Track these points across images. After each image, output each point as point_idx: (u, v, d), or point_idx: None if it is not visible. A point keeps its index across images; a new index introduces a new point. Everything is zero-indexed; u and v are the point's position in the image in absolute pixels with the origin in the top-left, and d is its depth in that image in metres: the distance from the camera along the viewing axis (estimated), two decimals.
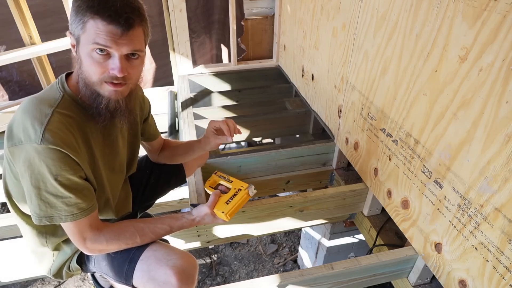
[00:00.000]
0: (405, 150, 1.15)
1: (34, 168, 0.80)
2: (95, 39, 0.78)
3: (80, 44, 0.82)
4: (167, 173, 1.34)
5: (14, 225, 1.44)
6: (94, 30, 0.78)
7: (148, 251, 0.99)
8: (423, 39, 1.00)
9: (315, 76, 1.88)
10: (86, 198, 0.88)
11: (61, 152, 0.80)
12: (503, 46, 0.75)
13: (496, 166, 0.81)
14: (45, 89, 0.90)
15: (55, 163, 0.80)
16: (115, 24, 0.78)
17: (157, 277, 0.94)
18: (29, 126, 0.79)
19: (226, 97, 2.63)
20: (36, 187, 0.82)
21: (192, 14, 2.59)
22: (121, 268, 0.99)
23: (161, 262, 0.95)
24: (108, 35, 0.78)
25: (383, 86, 1.23)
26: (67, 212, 0.85)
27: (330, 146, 1.78)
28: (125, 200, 1.15)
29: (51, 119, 0.81)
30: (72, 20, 0.81)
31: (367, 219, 1.55)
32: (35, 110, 0.82)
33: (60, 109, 0.84)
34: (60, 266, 1.06)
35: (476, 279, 0.92)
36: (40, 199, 0.83)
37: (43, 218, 0.85)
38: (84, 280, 2.34)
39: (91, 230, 0.91)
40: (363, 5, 1.29)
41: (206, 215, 1.08)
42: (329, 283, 1.18)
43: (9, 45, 2.23)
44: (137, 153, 1.16)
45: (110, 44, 0.79)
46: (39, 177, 0.81)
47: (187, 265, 0.96)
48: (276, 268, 2.52)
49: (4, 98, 2.47)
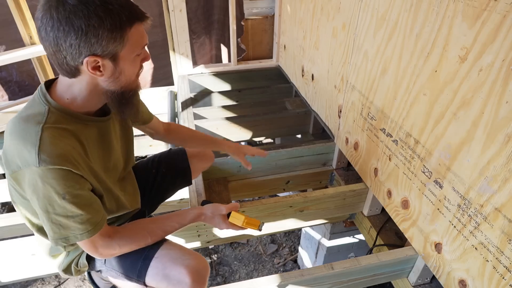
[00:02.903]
0: (405, 150, 1.15)
1: (39, 192, 0.78)
2: (142, 42, 0.83)
3: (119, 58, 0.81)
4: (174, 173, 1.34)
5: (14, 225, 1.44)
6: (139, 35, 0.81)
7: (162, 249, 1.00)
8: (423, 39, 1.00)
9: (315, 76, 1.88)
10: (96, 211, 0.87)
11: (62, 170, 0.78)
12: (503, 46, 0.75)
13: (496, 166, 0.81)
14: (26, 105, 0.85)
15: (59, 183, 0.78)
16: (145, 19, 0.82)
17: (172, 276, 0.95)
18: (23, 149, 0.76)
19: (226, 97, 2.63)
20: (45, 211, 0.81)
21: (192, 15, 2.59)
22: (134, 265, 1.00)
23: (176, 261, 0.97)
24: (145, 32, 0.84)
25: (383, 86, 1.23)
26: (82, 230, 0.84)
27: (330, 146, 1.78)
28: (134, 195, 1.15)
29: (43, 138, 0.77)
30: (103, 43, 0.76)
31: (367, 219, 1.55)
32: (23, 132, 0.78)
33: (49, 124, 0.80)
34: (70, 262, 1.06)
35: (476, 279, 0.92)
36: (52, 222, 0.82)
37: (58, 240, 0.84)
38: (84, 280, 2.35)
39: (103, 238, 0.91)
40: (363, 5, 1.29)
41: (220, 215, 1.09)
42: (329, 283, 1.18)
43: (9, 45, 2.23)
44: (132, 145, 1.15)
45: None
46: (46, 201, 0.79)
47: (200, 266, 0.98)
48: (276, 268, 2.52)
49: (4, 99, 2.47)
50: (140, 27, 0.81)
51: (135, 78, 0.89)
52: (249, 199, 2.63)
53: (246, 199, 2.56)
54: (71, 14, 0.72)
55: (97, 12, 0.73)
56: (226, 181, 1.71)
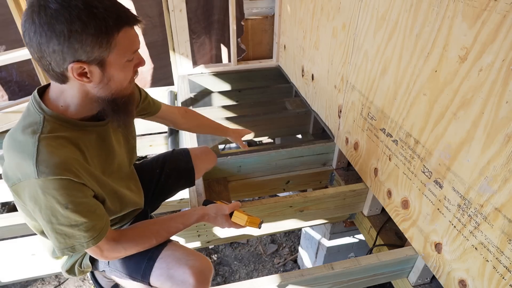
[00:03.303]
0: (405, 150, 1.15)
1: (41, 203, 0.77)
2: (132, 47, 0.80)
3: (107, 64, 0.78)
4: (178, 174, 1.34)
5: (14, 225, 1.44)
6: (128, 39, 0.78)
7: (167, 250, 1.01)
8: (423, 39, 1.00)
9: (315, 76, 1.88)
10: (100, 217, 0.87)
11: (62, 180, 0.76)
12: (503, 46, 0.75)
13: (496, 166, 0.81)
14: (22, 115, 0.83)
15: (60, 193, 0.77)
16: (134, 24, 0.79)
17: (176, 276, 0.96)
18: (21, 161, 0.75)
19: (226, 97, 2.63)
20: (49, 222, 0.80)
21: (192, 15, 2.59)
22: (139, 265, 1.00)
23: (180, 262, 0.97)
24: (136, 36, 0.81)
25: (383, 86, 1.23)
26: (87, 238, 0.84)
27: (330, 146, 1.78)
28: (138, 193, 1.15)
29: (40, 148, 0.75)
30: (88, 49, 0.73)
31: (367, 219, 1.55)
32: (20, 144, 0.77)
33: (45, 133, 0.78)
34: (73, 263, 1.06)
35: (476, 279, 0.92)
36: (56, 232, 0.81)
37: (64, 250, 0.83)
38: (84, 280, 2.34)
39: (108, 242, 0.91)
40: (363, 5, 1.29)
41: (223, 215, 1.11)
42: (329, 283, 1.18)
43: (9, 45, 2.23)
44: (134, 141, 1.14)
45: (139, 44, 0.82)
46: (48, 212, 0.78)
47: (204, 267, 0.99)
48: (276, 268, 2.52)
49: (4, 99, 2.47)
50: (130, 32, 0.78)
51: (128, 84, 0.85)
52: (249, 199, 2.63)
53: (246, 199, 2.56)
54: (52, 19, 0.69)
55: (80, 16, 0.70)
56: (226, 181, 1.71)
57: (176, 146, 2.20)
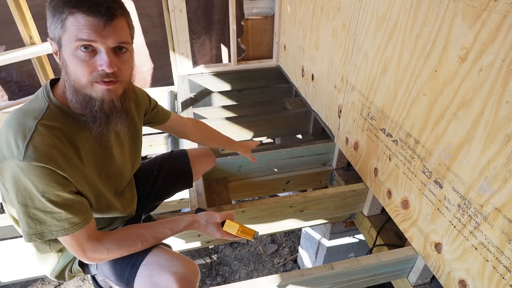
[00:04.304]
0: (405, 150, 1.15)
1: (19, 185, 0.77)
2: (77, 35, 0.73)
3: (62, 47, 0.76)
4: (175, 176, 1.33)
5: (14, 225, 1.44)
6: (75, 26, 0.73)
7: (150, 256, 0.98)
8: (423, 39, 1.00)
9: (315, 76, 1.88)
10: (77, 212, 0.84)
11: (45, 168, 0.76)
12: (503, 46, 0.75)
13: (496, 166, 0.81)
14: (31, 99, 0.85)
15: (40, 181, 0.76)
16: (96, 15, 0.73)
17: (159, 283, 0.93)
18: (12, 141, 0.76)
19: (226, 97, 2.63)
20: (23, 205, 0.79)
21: (192, 15, 2.59)
22: (123, 272, 0.98)
23: (163, 268, 0.94)
24: (90, 28, 0.73)
25: (383, 86, 1.23)
26: (58, 227, 0.82)
27: (330, 146, 1.78)
28: (131, 201, 1.14)
29: (35, 133, 0.76)
30: (50, 23, 0.76)
31: (367, 219, 1.55)
32: (19, 124, 0.78)
33: (45, 120, 0.79)
34: (63, 268, 1.05)
35: (476, 279, 0.92)
36: (28, 216, 0.80)
37: (32, 236, 0.82)
38: (84, 280, 2.34)
39: (90, 241, 0.89)
40: (363, 5, 1.29)
41: (215, 224, 1.07)
42: (329, 283, 1.18)
43: (9, 45, 2.23)
44: (139, 156, 1.13)
45: (94, 37, 0.74)
46: (26, 193, 0.78)
47: (189, 272, 0.95)
48: (276, 268, 2.52)
49: (4, 99, 2.47)
50: (82, 19, 0.73)
51: (86, 81, 0.78)
52: (249, 199, 2.63)
53: (246, 199, 2.56)
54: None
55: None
56: (226, 181, 1.71)
57: (176, 146, 2.20)
